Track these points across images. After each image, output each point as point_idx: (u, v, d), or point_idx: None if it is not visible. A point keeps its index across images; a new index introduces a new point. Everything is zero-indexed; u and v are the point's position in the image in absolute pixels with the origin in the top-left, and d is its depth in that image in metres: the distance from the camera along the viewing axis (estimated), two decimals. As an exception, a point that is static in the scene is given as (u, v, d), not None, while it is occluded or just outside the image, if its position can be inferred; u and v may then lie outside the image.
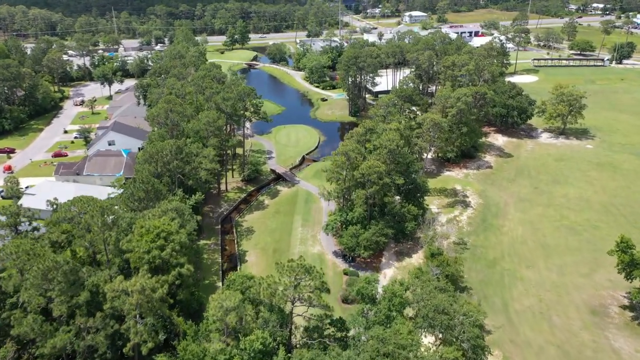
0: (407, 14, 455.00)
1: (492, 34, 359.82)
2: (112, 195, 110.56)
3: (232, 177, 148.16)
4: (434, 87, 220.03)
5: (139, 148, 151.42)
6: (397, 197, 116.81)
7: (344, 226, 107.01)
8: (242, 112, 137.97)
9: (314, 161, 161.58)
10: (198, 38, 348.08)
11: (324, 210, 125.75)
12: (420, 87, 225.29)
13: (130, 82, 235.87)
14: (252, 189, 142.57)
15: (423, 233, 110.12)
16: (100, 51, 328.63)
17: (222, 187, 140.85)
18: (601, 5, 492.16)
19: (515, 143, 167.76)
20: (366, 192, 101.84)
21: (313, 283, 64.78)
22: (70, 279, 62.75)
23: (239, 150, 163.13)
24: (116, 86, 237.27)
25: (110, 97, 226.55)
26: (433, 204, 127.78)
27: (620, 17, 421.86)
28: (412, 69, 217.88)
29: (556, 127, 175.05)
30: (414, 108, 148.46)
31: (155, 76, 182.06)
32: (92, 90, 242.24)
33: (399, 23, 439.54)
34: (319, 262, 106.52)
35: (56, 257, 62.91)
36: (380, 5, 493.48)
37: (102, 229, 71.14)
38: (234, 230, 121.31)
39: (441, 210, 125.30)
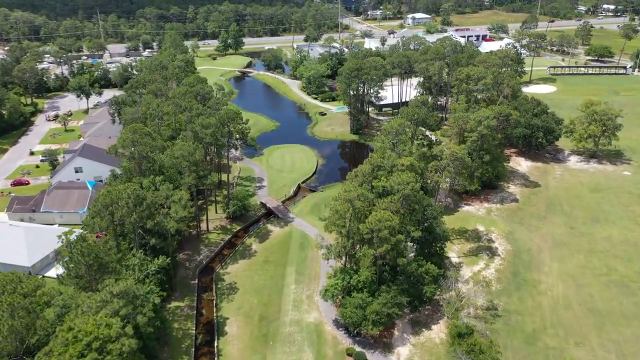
0: (409, 16, 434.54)
1: (501, 38, 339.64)
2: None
3: (216, 212, 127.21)
4: (445, 99, 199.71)
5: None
6: (410, 244, 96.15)
7: (346, 291, 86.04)
8: (224, 140, 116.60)
9: (312, 191, 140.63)
10: (189, 43, 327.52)
11: (322, 261, 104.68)
12: (429, 100, 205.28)
13: (112, 93, 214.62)
14: (239, 228, 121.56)
15: (445, 299, 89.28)
16: (84, 57, 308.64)
17: (203, 225, 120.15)
18: (612, 7, 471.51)
19: (541, 169, 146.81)
20: (375, 251, 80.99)
21: None
22: None
23: (224, 177, 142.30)
24: (95, 98, 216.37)
25: (87, 111, 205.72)
26: (453, 250, 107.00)
27: (634, 20, 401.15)
28: (420, 79, 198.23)
29: (585, 148, 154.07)
30: (428, 133, 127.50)
31: (131, 91, 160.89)
32: (69, 102, 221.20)
33: (401, 26, 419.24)
34: (316, 336, 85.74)
35: None
36: (381, 7, 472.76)
37: (10, 339, 50.57)
38: (214, 287, 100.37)
39: (463, 260, 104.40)
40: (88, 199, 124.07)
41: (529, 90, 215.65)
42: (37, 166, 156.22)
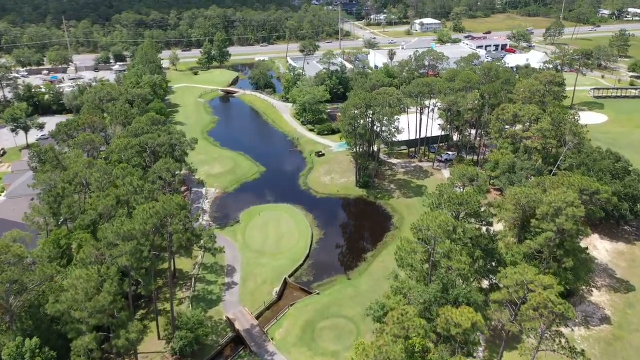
0: (417, 21, 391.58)
1: (524, 48, 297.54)
2: None
3: (159, 338, 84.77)
4: (475, 135, 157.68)
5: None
6: None
7: None
8: (159, 251, 73.60)
9: (303, 291, 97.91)
10: (167, 53, 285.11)
11: None
12: (450, 132, 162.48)
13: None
14: (189, 372, 79.37)
15: None
16: (45, 72, 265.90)
17: (136, 368, 77.87)
18: (639, 11, 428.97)
19: (627, 255, 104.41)
20: None
21: None
22: None
23: (188, 265, 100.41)
24: (37, 132, 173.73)
25: (28, 147, 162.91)
26: None
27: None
28: (442, 107, 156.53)
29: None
30: (481, 226, 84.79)
31: (60, 138, 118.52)
32: (7, 135, 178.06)
33: (408, 32, 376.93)
34: None
35: None
36: (385, 11, 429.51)
37: None
38: None
39: None
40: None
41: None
42: None
